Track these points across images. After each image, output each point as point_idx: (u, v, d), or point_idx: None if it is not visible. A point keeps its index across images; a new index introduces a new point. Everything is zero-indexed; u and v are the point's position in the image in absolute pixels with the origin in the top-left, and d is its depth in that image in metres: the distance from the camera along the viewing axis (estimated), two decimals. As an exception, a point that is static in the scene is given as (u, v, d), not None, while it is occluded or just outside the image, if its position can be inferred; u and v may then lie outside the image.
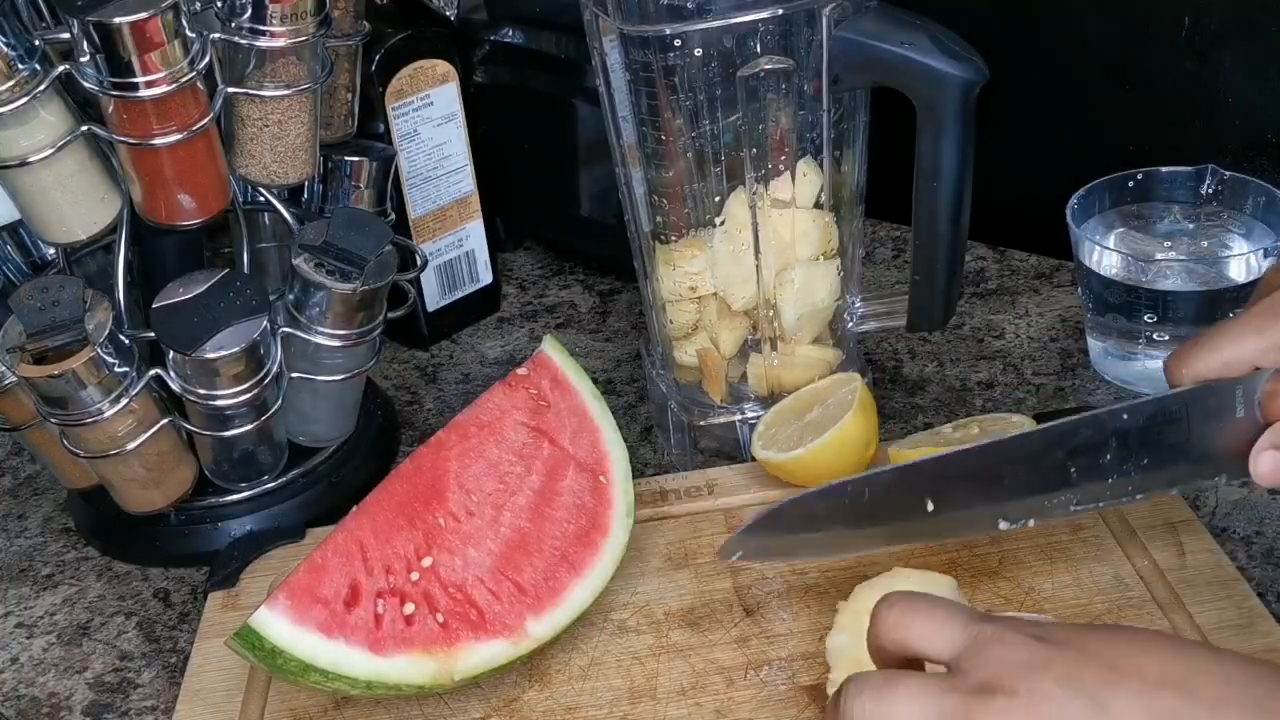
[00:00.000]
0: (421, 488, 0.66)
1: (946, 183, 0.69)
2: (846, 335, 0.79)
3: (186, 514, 0.78)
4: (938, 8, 0.68)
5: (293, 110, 0.73)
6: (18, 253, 0.78)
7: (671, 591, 0.69)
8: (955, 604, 0.48)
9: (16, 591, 0.79)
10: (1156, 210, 0.84)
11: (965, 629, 0.46)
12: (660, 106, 0.69)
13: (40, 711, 0.70)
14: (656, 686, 0.63)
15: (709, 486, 0.75)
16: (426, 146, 0.92)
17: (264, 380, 0.72)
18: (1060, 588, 0.65)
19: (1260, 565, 0.69)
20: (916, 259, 0.73)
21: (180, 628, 0.75)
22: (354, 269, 0.73)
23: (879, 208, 0.86)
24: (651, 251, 0.75)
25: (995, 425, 0.70)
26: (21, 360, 0.67)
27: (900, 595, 0.49)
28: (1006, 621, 0.47)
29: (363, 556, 0.63)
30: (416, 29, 0.89)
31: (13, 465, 0.91)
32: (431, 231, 0.94)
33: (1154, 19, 0.91)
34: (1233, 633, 0.61)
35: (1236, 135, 0.91)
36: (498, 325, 1.00)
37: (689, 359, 0.78)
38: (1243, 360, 0.53)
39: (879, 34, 0.67)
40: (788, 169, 0.72)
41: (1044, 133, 0.99)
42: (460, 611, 0.62)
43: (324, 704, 0.64)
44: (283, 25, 0.70)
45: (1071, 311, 0.92)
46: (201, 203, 0.70)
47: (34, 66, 0.65)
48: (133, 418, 0.70)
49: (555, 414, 0.69)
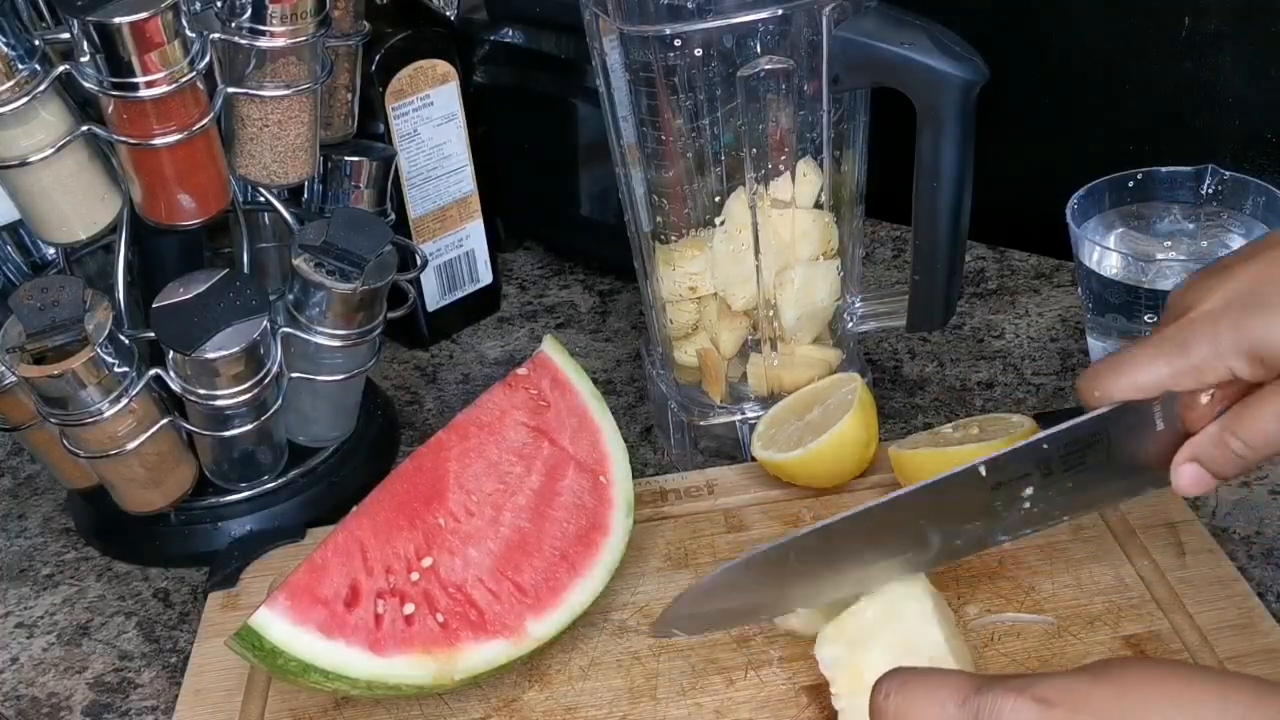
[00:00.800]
0: (421, 488, 0.66)
1: (946, 183, 0.69)
2: (846, 335, 0.79)
3: (186, 514, 0.78)
4: (938, 8, 0.68)
5: (293, 110, 0.73)
6: (18, 253, 0.78)
7: (671, 591, 0.68)
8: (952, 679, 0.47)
9: (16, 591, 0.79)
10: (1156, 210, 0.84)
11: (963, 708, 0.46)
12: (660, 106, 0.69)
13: (40, 711, 0.70)
14: (656, 686, 0.63)
15: (709, 486, 0.75)
16: (426, 146, 0.92)
17: (264, 380, 0.72)
18: (1060, 588, 0.65)
19: (1260, 565, 0.69)
20: (916, 259, 0.73)
21: (180, 628, 0.75)
22: (354, 269, 0.73)
23: (879, 208, 0.86)
24: (651, 251, 0.75)
25: (995, 425, 0.70)
26: (21, 360, 0.67)
27: (896, 679, 0.48)
28: (1007, 689, 0.45)
29: (363, 556, 0.63)
30: (416, 29, 0.89)
31: (13, 465, 0.91)
32: (431, 231, 0.94)
33: (1153, 19, 0.91)
34: (1233, 633, 0.61)
35: (1236, 135, 0.91)
36: (498, 325, 1.00)
37: (689, 359, 0.78)
38: (1155, 384, 0.53)
39: (879, 34, 0.67)
40: (788, 169, 0.72)
41: (1044, 133, 0.99)
42: (460, 611, 0.62)
43: (324, 704, 0.64)
44: (283, 25, 0.70)
45: (1071, 311, 0.92)
46: (201, 203, 0.70)
47: (34, 66, 0.65)
48: (133, 418, 0.70)
49: (555, 414, 0.69)
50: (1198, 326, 0.52)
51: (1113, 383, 0.54)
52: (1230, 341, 0.51)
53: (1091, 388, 0.55)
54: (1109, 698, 0.44)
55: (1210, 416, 0.53)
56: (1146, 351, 0.53)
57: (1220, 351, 0.51)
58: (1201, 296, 0.52)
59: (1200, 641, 0.61)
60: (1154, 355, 0.53)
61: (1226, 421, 0.53)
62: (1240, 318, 0.51)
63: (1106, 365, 0.54)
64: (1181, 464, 0.54)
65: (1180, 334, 0.52)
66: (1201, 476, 0.54)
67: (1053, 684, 0.45)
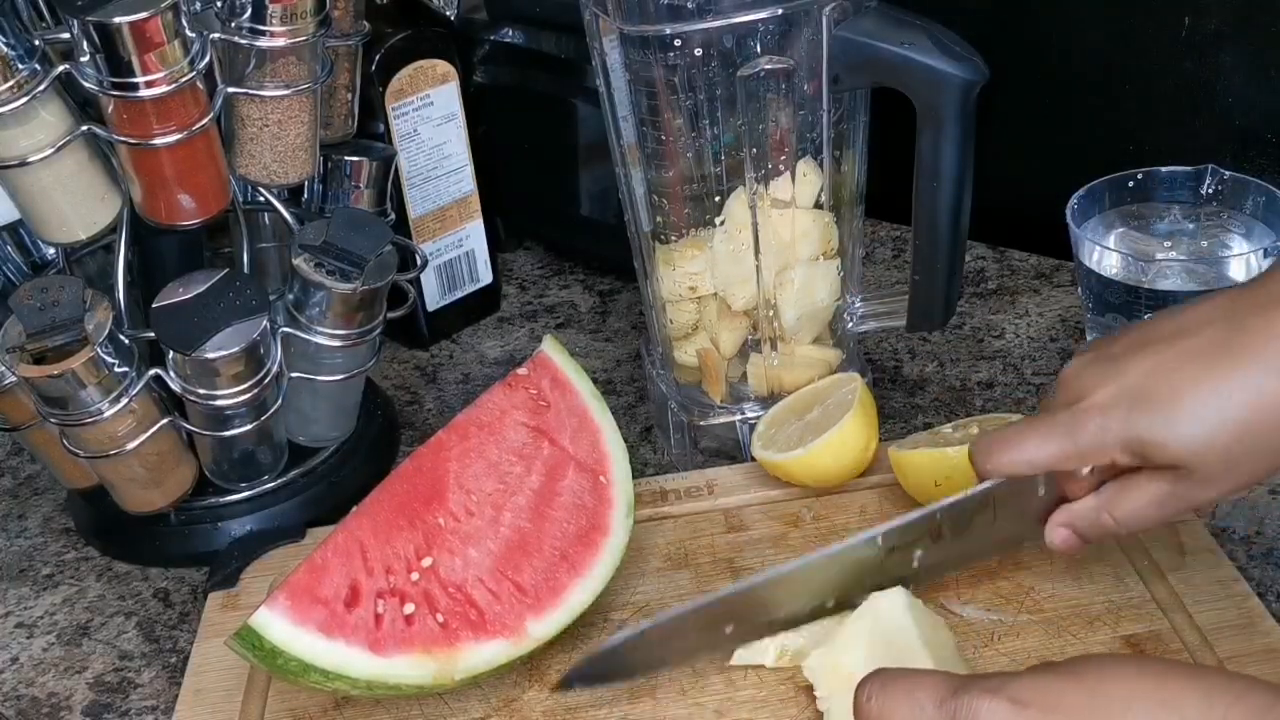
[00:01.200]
0: (421, 488, 0.66)
1: (946, 183, 0.69)
2: (846, 335, 0.79)
3: (186, 514, 0.78)
4: (938, 8, 0.68)
5: (293, 110, 0.73)
6: (18, 253, 0.78)
7: (671, 591, 0.69)
8: (931, 681, 0.49)
9: (16, 591, 0.79)
10: (1156, 210, 0.84)
11: (941, 709, 0.47)
12: (660, 106, 0.69)
13: (40, 711, 0.70)
14: (656, 686, 0.63)
15: (709, 486, 0.75)
16: (426, 146, 0.92)
17: (264, 380, 0.72)
18: (1060, 588, 0.65)
19: (1260, 565, 0.69)
20: (916, 259, 0.73)
21: (180, 628, 0.75)
22: (354, 269, 0.73)
23: (879, 208, 0.86)
24: (651, 251, 0.75)
25: (995, 425, 0.70)
26: (21, 360, 0.67)
27: (877, 682, 0.50)
28: (983, 689, 0.47)
29: (363, 556, 0.63)
30: (416, 29, 0.89)
31: (13, 465, 0.91)
32: (431, 231, 0.94)
33: (1153, 19, 0.91)
34: (1233, 633, 0.61)
35: (1236, 135, 0.91)
36: (498, 325, 1.00)
37: (689, 359, 0.78)
38: (1043, 464, 0.57)
39: (879, 34, 0.67)
40: (788, 169, 0.72)
41: (1044, 133, 0.99)
42: (460, 611, 0.62)
43: (324, 704, 0.64)
44: (283, 25, 0.70)
45: (1071, 311, 0.92)
46: (201, 203, 0.70)
47: (34, 66, 0.65)
48: (133, 418, 0.70)
49: (555, 414, 0.69)
50: (1088, 418, 0.55)
51: (1005, 458, 0.58)
52: (1117, 435, 0.54)
53: (984, 460, 0.59)
54: (1082, 696, 0.45)
55: (1087, 487, 0.58)
56: (1039, 432, 0.57)
57: (1106, 442, 0.55)
58: (1094, 385, 0.55)
59: (1200, 641, 0.61)
60: (1046, 437, 0.57)
61: (1104, 501, 0.57)
62: (1129, 416, 0.54)
63: (1000, 440, 0.58)
64: (1056, 526, 0.59)
65: (1073, 421, 0.55)
66: (1073, 540, 0.59)
67: (1027, 684, 0.47)
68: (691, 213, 0.73)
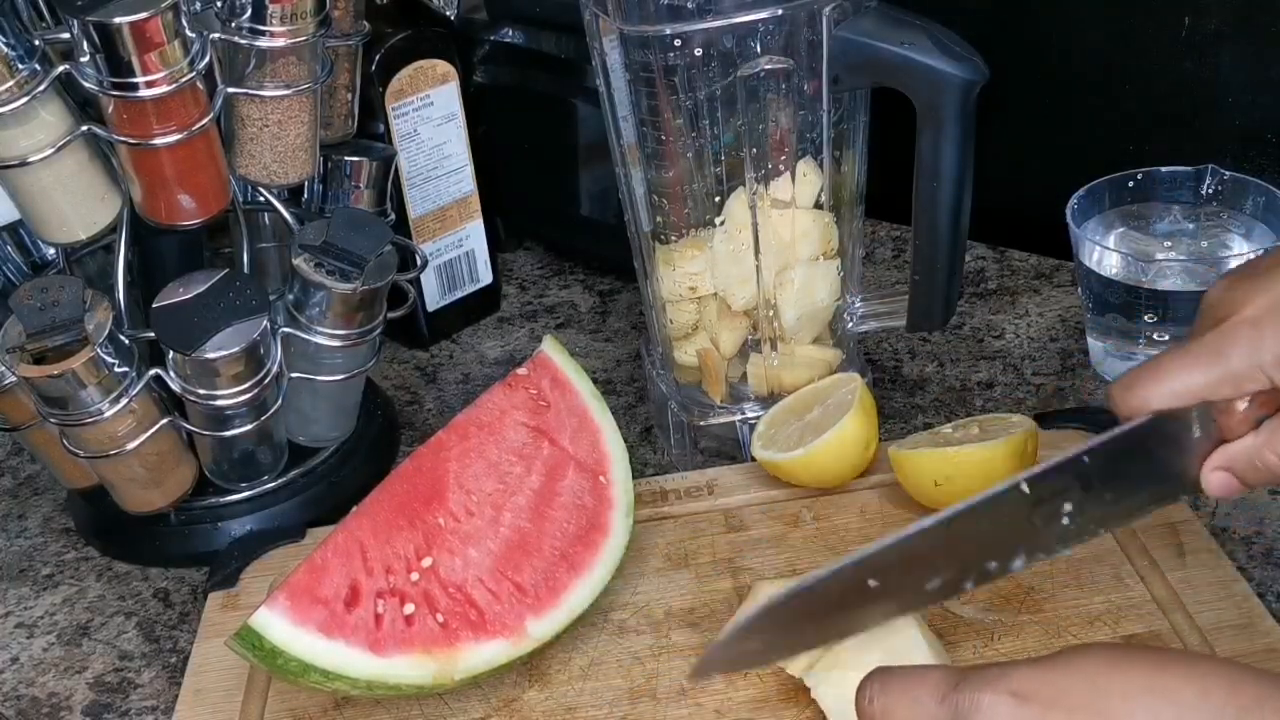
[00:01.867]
0: (421, 488, 0.66)
1: (946, 183, 0.69)
2: (846, 335, 0.79)
3: (186, 514, 0.78)
4: (938, 8, 0.68)
5: (293, 110, 0.73)
6: (18, 253, 0.78)
7: (671, 591, 0.69)
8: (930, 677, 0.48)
9: (16, 591, 0.79)
10: (1156, 210, 0.84)
11: (942, 705, 0.46)
12: (660, 106, 0.69)
13: (40, 711, 0.70)
14: (656, 686, 0.63)
15: (709, 486, 0.75)
16: (426, 146, 0.92)
17: (264, 380, 0.72)
18: (1060, 587, 0.65)
19: (1260, 565, 0.69)
20: (916, 259, 0.73)
21: (180, 628, 0.75)
22: (354, 269, 0.73)
23: (879, 208, 0.86)
24: (651, 251, 0.75)
25: (995, 425, 0.70)
26: (21, 360, 0.67)
27: (877, 681, 0.49)
28: (985, 681, 0.46)
29: (363, 556, 0.63)
30: (416, 29, 0.89)
31: (13, 465, 0.91)
32: (431, 231, 0.94)
33: (1153, 19, 0.91)
34: (1233, 633, 0.61)
35: (1236, 135, 0.91)
36: (498, 325, 1.00)
37: (689, 359, 0.78)
38: (1192, 393, 0.52)
39: (879, 34, 0.67)
40: (788, 169, 0.72)
41: (1044, 133, 0.99)
42: (460, 611, 0.62)
43: (324, 704, 0.64)
44: (283, 25, 0.70)
45: (1071, 311, 0.92)
46: (201, 203, 0.70)
47: (34, 66, 0.65)
48: (133, 418, 0.70)
49: (555, 414, 0.69)
50: (1238, 334, 0.50)
51: (1150, 390, 0.52)
52: (1273, 351, 0.49)
53: (1127, 396, 0.53)
54: (1082, 687, 0.45)
55: (1247, 423, 0.52)
56: (1183, 359, 0.51)
57: (1261, 360, 0.49)
58: (1240, 301, 0.51)
59: (1200, 641, 0.61)
60: (1191, 362, 0.51)
61: (1265, 439, 0.51)
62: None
63: (1143, 372, 0.53)
64: (1213, 470, 0.53)
65: (1219, 341, 0.50)
66: (1233, 484, 0.53)
67: (1026, 676, 0.46)
68: (691, 213, 0.73)
